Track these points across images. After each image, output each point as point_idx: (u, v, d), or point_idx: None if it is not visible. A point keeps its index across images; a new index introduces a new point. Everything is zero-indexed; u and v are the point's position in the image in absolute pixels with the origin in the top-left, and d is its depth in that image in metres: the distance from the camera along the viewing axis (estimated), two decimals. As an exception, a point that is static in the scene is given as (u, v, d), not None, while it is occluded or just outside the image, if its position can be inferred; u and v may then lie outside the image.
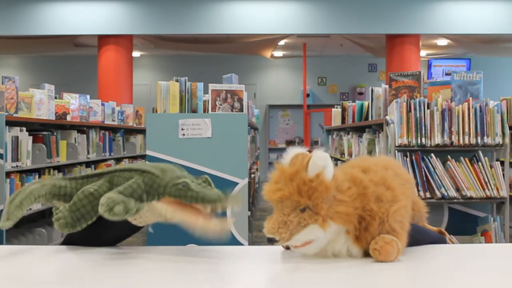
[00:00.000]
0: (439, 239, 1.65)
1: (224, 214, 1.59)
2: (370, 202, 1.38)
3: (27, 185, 1.60)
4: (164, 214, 1.46)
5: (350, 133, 5.87)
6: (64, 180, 1.61)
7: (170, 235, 1.59)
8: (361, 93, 13.66)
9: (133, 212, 1.42)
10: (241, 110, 4.00)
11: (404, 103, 3.83)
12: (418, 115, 3.80)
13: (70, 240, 1.62)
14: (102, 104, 6.83)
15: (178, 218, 1.45)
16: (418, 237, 1.55)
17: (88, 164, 6.07)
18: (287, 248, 1.54)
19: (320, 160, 1.35)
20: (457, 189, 3.77)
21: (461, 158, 3.81)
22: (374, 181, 1.42)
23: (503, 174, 3.84)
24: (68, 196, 1.58)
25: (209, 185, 1.48)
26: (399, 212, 1.41)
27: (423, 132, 3.79)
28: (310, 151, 1.40)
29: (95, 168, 6.29)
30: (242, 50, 12.32)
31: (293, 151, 1.42)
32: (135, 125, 8.18)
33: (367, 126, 5.06)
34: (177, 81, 4.02)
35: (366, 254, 1.40)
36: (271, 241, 1.35)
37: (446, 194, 3.75)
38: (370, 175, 1.44)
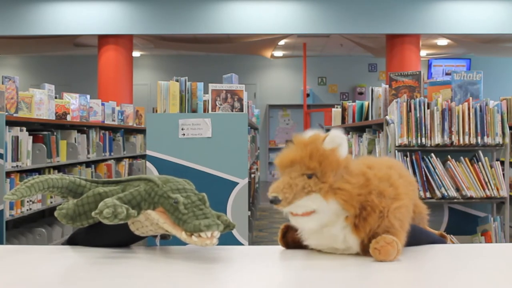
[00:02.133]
0: (439, 241, 1.65)
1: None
2: (371, 195, 1.39)
3: (46, 175, 1.61)
4: (156, 223, 1.47)
5: (350, 133, 5.86)
6: (85, 180, 1.62)
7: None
8: (361, 93, 13.66)
9: (122, 217, 1.42)
10: (241, 110, 4.00)
11: (404, 103, 3.83)
12: (418, 115, 3.80)
13: (73, 241, 1.63)
14: (102, 104, 6.83)
15: (167, 229, 1.46)
16: (419, 238, 1.55)
17: (88, 164, 6.07)
18: (287, 247, 1.54)
19: (337, 138, 1.39)
20: (457, 189, 3.77)
21: (461, 158, 3.81)
22: (378, 176, 1.43)
23: (503, 174, 3.84)
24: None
25: (203, 204, 1.48)
26: (400, 210, 1.41)
27: (423, 132, 3.79)
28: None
29: (95, 168, 6.29)
30: (242, 50, 12.32)
31: (311, 131, 1.45)
32: (135, 125, 8.18)
33: (367, 126, 5.06)
34: (177, 81, 4.02)
35: (366, 252, 1.40)
36: (273, 202, 1.37)
37: (446, 194, 3.75)
38: (375, 170, 1.45)
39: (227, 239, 1.44)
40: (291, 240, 1.53)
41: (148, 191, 1.50)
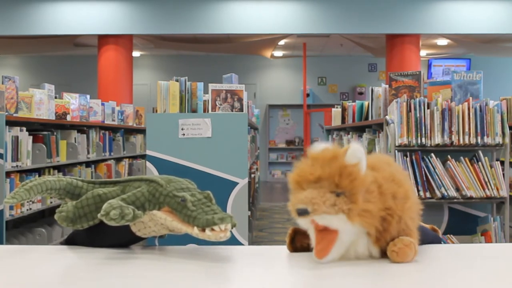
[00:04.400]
0: (435, 238, 1.65)
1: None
2: (388, 200, 1.34)
3: (44, 176, 1.61)
4: (164, 223, 1.47)
5: (350, 133, 5.87)
6: (82, 181, 1.62)
7: (170, 235, 1.59)
8: (361, 93, 13.66)
9: (129, 218, 1.42)
10: (241, 110, 4.00)
11: (404, 103, 3.83)
12: (418, 115, 3.80)
13: (71, 242, 1.62)
14: (102, 104, 6.83)
15: (176, 227, 1.46)
16: (419, 237, 1.55)
17: (88, 164, 6.07)
18: (294, 250, 1.51)
19: (359, 152, 1.31)
20: (457, 189, 3.77)
21: (461, 158, 3.81)
22: (385, 178, 1.38)
23: (503, 174, 3.84)
24: (81, 197, 1.58)
25: (209, 202, 1.48)
26: (412, 209, 1.39)
27: (423, 132, 3.79)
28: None
29: (95, 168, 6.29)
30: (242, 50, 12.32)
31: (321, 145, 1.37)
32: (135, 125, 8.18)
33: (367, 126, 5.06)
34: (177, 81, 4.02)
35: (383, 255, 1.38)
36: (301, 214, 1.27)
37: (446, 194, 3.75)
38: (380, 172, 1.40)
39: (227, 239, 1.44)
40: (300, 245, 1.48)
41: (151, 192, 1.50)
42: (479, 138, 3.80)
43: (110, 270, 1.39)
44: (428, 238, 1.62)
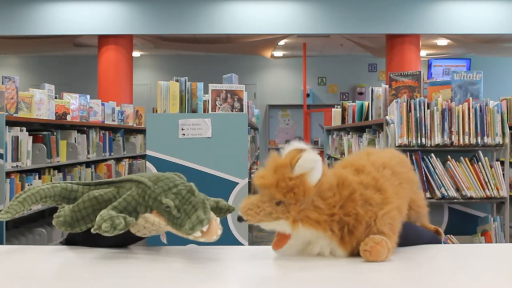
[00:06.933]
0: (433, 240, 1.64)
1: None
2: (356, 206, 1.37)
3: (37, 185, 1.60)
4: (157, 225, 1.47)
5: (350, 133, 5.87)
6: (77, 184, 1.61)
7: (170, 235, 1.59)
8: (361, 93, 13.66)
9: (121, 227, 1.42)
10: (241, 110, 4.00)
11: (404, 103, 3.83)
12: (418, 115, 3.80)
13: (71, 241, 1.62)
14: (102, 104, 6.83)
15: (170, 230, 1.47)
16: (412, 238, 1.54)
17: (88, 164, 6.07)
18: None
19: (308, 162, 1.35)
20: (457, 189, 3.77)
21: (461, 158, 3.81)
22: (364, 184, 1.41)
23: (503, 174, 3.84)
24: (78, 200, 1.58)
25: (192, 195, 1.47)
26: (389, 215, 1.40)
27: (423, 132, 3.79)
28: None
29: (95, 168, 6.29)
30: (242, 50, 12.32)
31: (293, 145, 1.42)
32: (135, 125, 8.18)
33: (367, 126, 5.06)
34: (177, 81, 4.02)
35: (357, 256, 1.39)
36: (239, 220, 1.39)
37: (446, 194, 3.75)
38: (361, 176, 1.43)
39: (227, 239, 1.44)
40: None
41: (141, 194, 1.50)
42: (479, 138, 3.80)
43: (110, 269, 1.40)
44: (423, 239, 1.61)
